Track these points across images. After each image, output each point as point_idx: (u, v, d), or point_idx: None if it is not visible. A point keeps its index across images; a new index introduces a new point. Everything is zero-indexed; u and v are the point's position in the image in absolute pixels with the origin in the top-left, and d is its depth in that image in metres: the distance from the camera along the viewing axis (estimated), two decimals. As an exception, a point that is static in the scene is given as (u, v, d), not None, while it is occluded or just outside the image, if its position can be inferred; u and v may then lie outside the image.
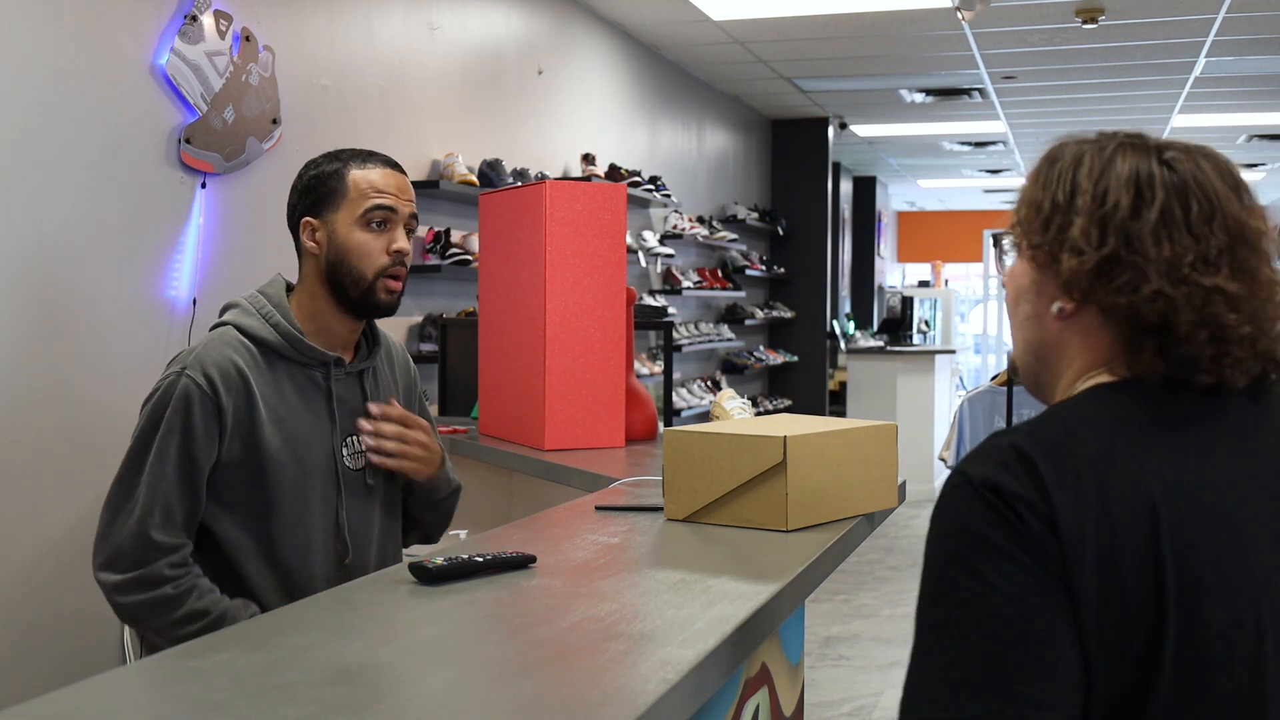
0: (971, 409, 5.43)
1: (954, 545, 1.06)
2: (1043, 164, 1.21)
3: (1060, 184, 1.17)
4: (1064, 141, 1.22)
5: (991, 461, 1.08)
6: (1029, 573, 1.03)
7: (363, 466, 2.06)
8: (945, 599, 1.05)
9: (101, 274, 3.24)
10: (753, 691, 1.88)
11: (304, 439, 1.98)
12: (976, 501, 1.06)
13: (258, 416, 1.93)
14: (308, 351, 2.00)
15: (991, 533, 1.04)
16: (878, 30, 6.86)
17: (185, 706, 1.15)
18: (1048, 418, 1.13)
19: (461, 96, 5.10)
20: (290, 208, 2.08)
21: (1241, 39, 6.92)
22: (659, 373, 6.67)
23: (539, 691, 1.17)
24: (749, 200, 9.50)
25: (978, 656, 1.02)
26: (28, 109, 3.01)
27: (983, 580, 1.03)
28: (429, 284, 4.84)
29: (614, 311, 2.98)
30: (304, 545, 1.98)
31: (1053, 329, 1.19)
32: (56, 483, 3.12)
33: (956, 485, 1.09)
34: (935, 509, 1.11)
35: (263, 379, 1.96)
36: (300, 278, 2.08)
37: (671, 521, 1.98)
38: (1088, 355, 1.17)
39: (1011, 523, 1.04)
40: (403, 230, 2.04)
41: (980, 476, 1.07)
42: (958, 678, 1.02)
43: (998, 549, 1.04)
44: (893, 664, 5.03)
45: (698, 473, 1.95)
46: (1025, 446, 1.08)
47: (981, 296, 18.13)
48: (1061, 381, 1.20)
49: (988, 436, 1.14)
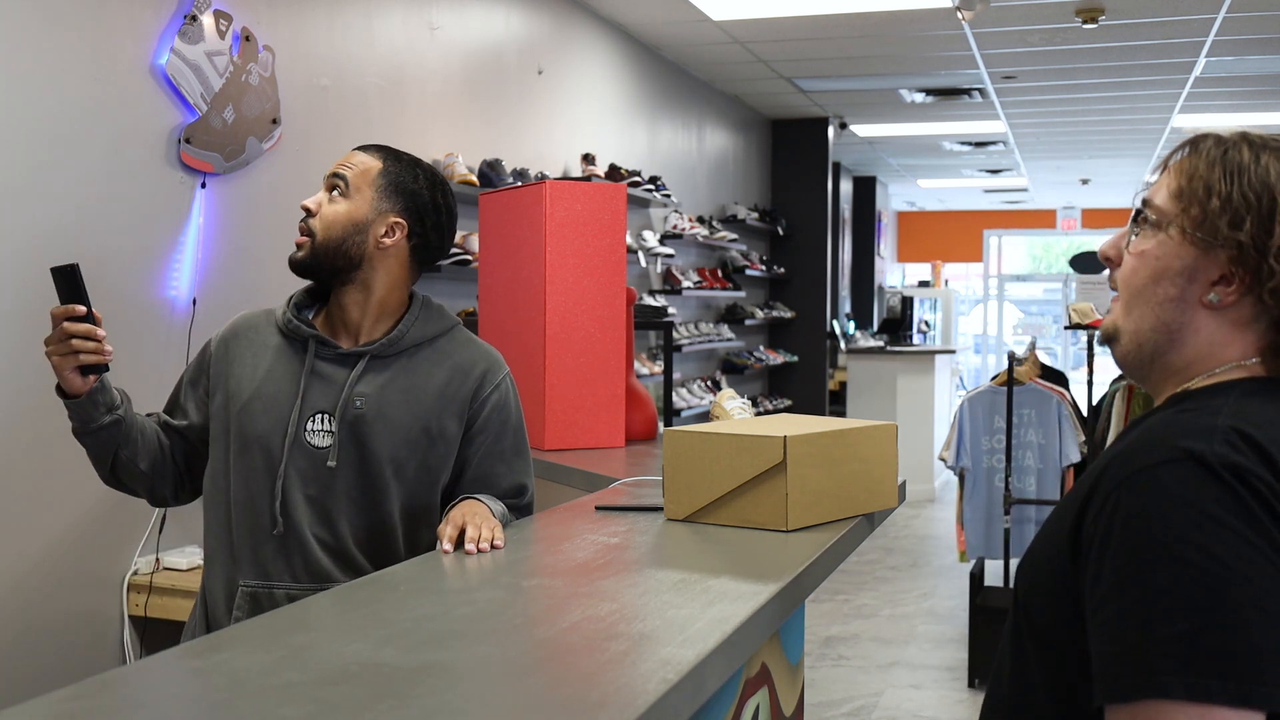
0: (971, 409, 5.42)
1: (1181, 518, 1.04)
2: (1214, 152, 1.20)
3: (1247, 180, 1.17)
4: (1236, 137, 1.21)
5: (1219, 441, 1.07)
6: (1264, 554, 1.02)
7: (327, 446, 1.99)
8: (1169, 571, 1.03)
9: (101, 274, 3.24)
10: (753, 691, 1.88)
11: (266, 399, 2.02)
12: (1211, 480, 1.05)
13: (231, 370, 2.06)
14: (285, 326, 2.07)
15: (1227, 513, 1.03)
16: (878, 30, 6.86)
17: (185, 706, 1.15)
18: (1237, 409, 1.13)
19: (461, 96, 5.10)
20: None
21: (1241, 39, 6.92)
22: (659, 373, 6.67)
23: (539, 691, 1.17)
24: (749, 200, 9.50)
25: (1217, 634, 1.00)
26: (28, 109, 3.01)
27: (1217, 559, 1.02)
28: (429, 284, 4.84)
29: (614, 311, 2.98)
30: (246, 507, 2.01)
31: (1200, 315, 1.19)
32: (56, 483, 3.12)
33: (1178, 461, 1.07)
34: (1142, 482, 1.07)
35: (252, 342, 2.08)
36: None
37: (671, 521, 1.98)
38: (1231, 348, 1.19)
39: (1251, 504, 1.04)
40: (323, 191, 2.05)
41: (1217, 455, 1.06)
42: (1192, 653, 1.00)
43: (1234, 529, 1.03)
44: (893, 664, 5.03)
45: (698, 473, 1.95)
46: (1247, 429, 1.08)
47: (981, 296, 18.13)
48: (1190, 368, 1.21)
49: (1173, 415, 1.14)
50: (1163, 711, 1.01)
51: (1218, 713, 1.00)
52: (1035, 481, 5.23)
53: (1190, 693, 1.00)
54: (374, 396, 2.02)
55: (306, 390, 2.01)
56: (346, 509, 2.01)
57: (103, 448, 2.04)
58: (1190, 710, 1.00)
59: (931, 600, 6.12)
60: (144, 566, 3.34)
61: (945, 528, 8.06)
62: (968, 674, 4.81)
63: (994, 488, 5.32)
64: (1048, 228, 17.04)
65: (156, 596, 3.27)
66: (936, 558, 7.19)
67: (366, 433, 2.00)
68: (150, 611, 3.29)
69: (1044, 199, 16.25)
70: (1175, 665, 1.00)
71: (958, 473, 5.42)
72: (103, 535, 3.26)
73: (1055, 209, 16.45)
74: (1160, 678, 1.01)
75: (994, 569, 5.59)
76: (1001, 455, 5.22)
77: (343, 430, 1.99)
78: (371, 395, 2.02)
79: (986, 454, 5.38)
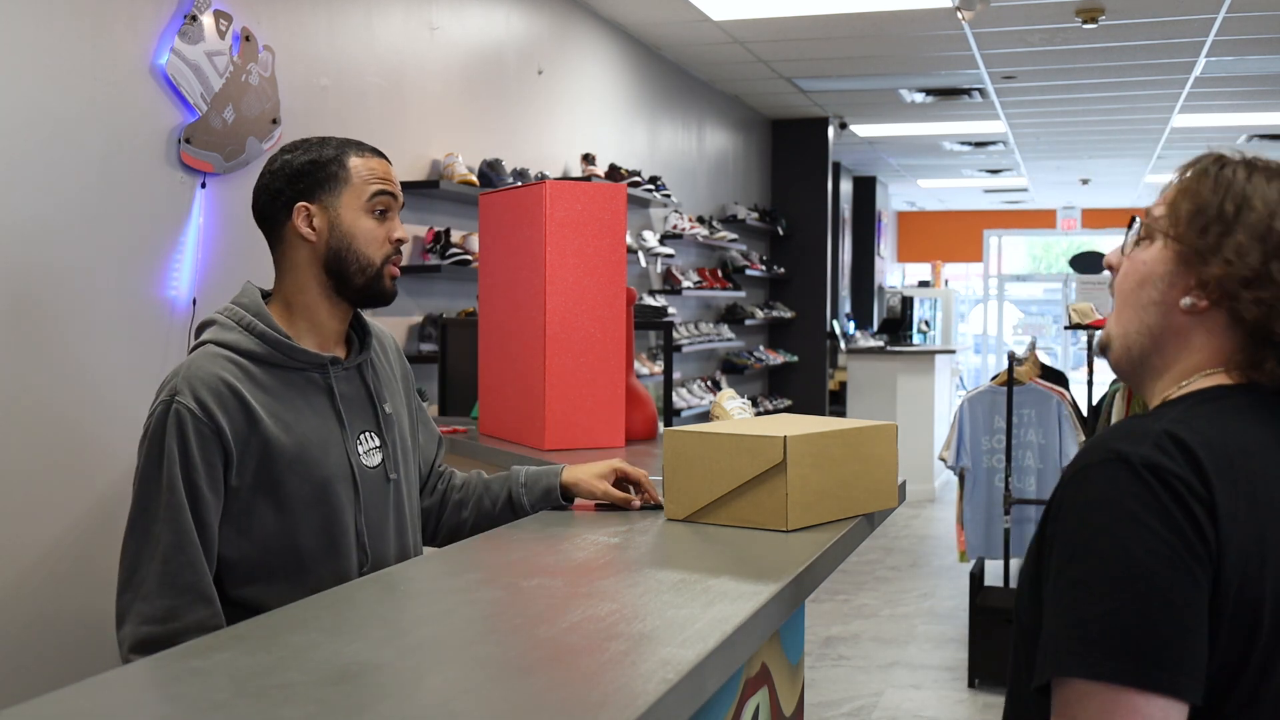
0: (971, 409, 5.42)
1: (1104, 517, 1.11)
2: (1210, 166, 1.28)
3: (1230, 194, 1.24)
4: (1220, 153, 1.29)
5: (1147, 443, 1.13)
6: (1174, 550, 1.09)
7: (380, 462, 1.98)
8: (1087, 561, 1.11)
9: (101, 274, 3.24)
10: (753, 691, 1.88)
11: (316, 443, 1.88)
12: (1132, 479, 1.11)
13: (263, 429, 1.82)
14: (299, 355, 1.91)
15: (1144, 510, 1.10)
16: (878, 30, 6.86)
17: (185, 706, 1.15)
18: (1185, 413, 1.19)
19: (461, 96, 5.10)
20: (273, 193, 1.96)
21: (1241, 39, 6.92)
22: (659, 373, 6.67)
23: (539, 691, 1.17)
24: (749, 200, 9.50)
25: (1118, 619, 1.08)
26: (28, 109, 3.01)
27: (1128, 552, 1.09)
28: (429, 284, 4.84)
29: (614, 311, 2.98)
30: (330, 555, 1.89)
31: (1179, 320, 1.25)
32: (56, 483, 3.12)
33: (1108, 461, 1.13)
34: (1078, 482, 1.15)
35: (258, 390, 1.85)
36: (286, 269, 1.97)
37: (671, 521, 1.98)
38: (1207, 352, 1.24)
39: (1167, 503, 1.10)
40: (398, 219, 2.02)
41: (1140, 456, 1.12)
42: (1095, 635, 1.08)
43: (1147, 526, 1.09)
44: (892, 664, 5.03)
45: (697, 473, 1.95)
46: (1180, 433, 1.14)
47: (981, 296, 18.13)
48: (1171, 371, 1.27)
49: (1124, 420, 1.20)
50: (1072, 689, 1.09)
51: (1119, 693, 1.07)
52: (1035, 481, 5.23)
53: (1090, 672, 1.08)
54: (385, 398, 2.06)
55: (346, 415, 1.95)
56: (396, 518, 2.02)
57: None
58: (1091, 689, 1.08)
59: (931, 600, 6.12)
60: (144, 566, 3.34)
61: (945, 528, 8.06)
62: (968, 674, 4.81)
63: (994, 488, 5.32)
64: (1048, 228, 17.04)
65: (156, 596, 3.27)
66: (936, 558, 7.19)
67: (395, 435, 2.04)
68: (150, 611, 3.28)
69: (1044, 199, 16.25)
70: (1079, 647, 1.09)
71: (958, 473, 5.42)
72: (103, 535, 3.26)
73: (1055, 209, 16.45)
74: (1066, 658, 1.09)
75: (994, 569, 5.59)
76: (1001, 455, 5.22)
77: (390, 440, 2.01)
78: (385, 397, 2.05)
79: (986, 454, 5.38)
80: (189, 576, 1.76)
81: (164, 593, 1.74)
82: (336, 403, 1.93)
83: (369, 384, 2.01)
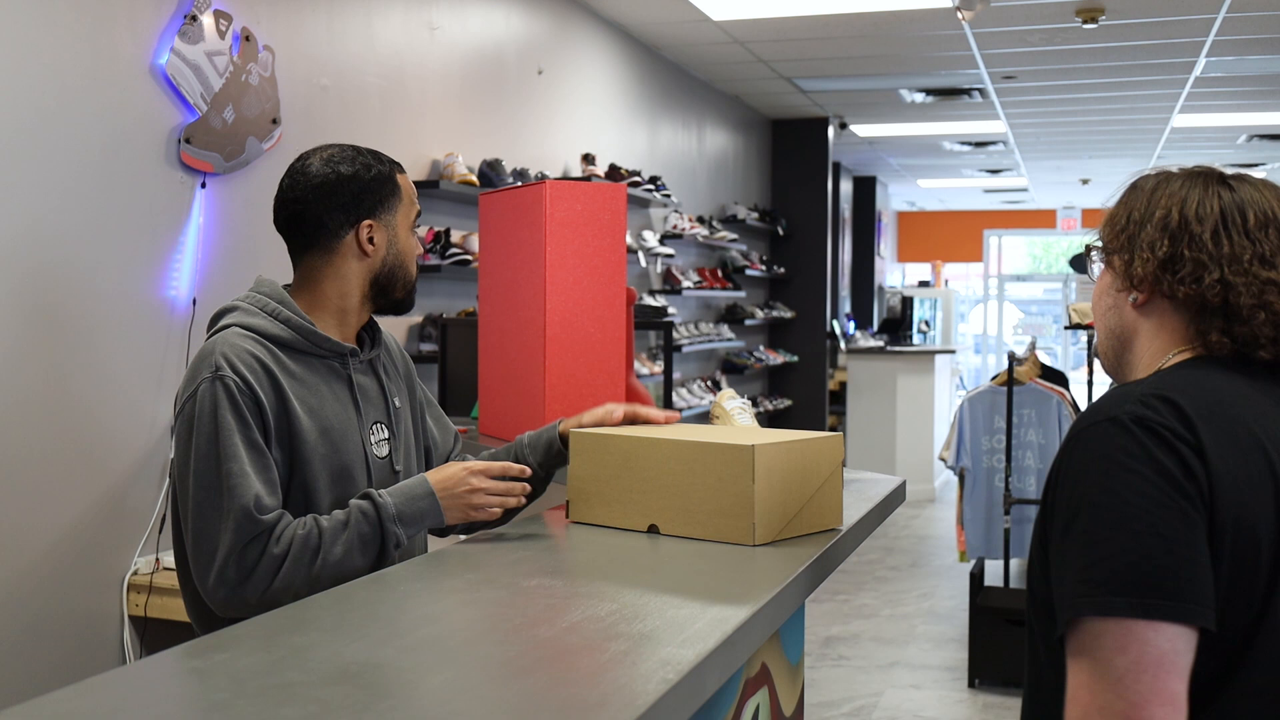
0: (971, 409, 5.42)
1: (1098, 472, 1.21)
2: (1126, 190, 1.45)
3: (1137, 202, 1.41)
4: (1146, 173, 1.45)
5: (1132, 401, 1.24)
6: (1164, 491, 1.18)
7: (388, 454, 2.02)
8: (1087, 514, 1.20)
9: (101, 274, 3.24)
10: (753, 691, 1.88)
11: (337, 429, 1.92)
12: (1122, 434, 1.22)
13: (292, 409, 1.85)
14: (324, 343, 1.93)
15: (1132, 459, 1.20)
16: (878, 30, 6.86)
17: (185, 706, 1.15)
18: (1161, 377, 1.32)
19: (461, 96, 5.10)
20: (341, 206, 1.95)
21: (1241, 39, 6.92)
22: (659, 373, 6.67)
23: (539, 691, 1.17)
24: (749, 200, 9.50)
25: (1120, 559, 1.16)
26: (28, 109, 3.01)
27: (1121, 498, 1.18)
28: (429, 284, 4.84)
29: (614, 311, 2.98)
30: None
31: (1130, 316, 1.42)
32: (56, 483, 3.12)
33: (1095, 424, 1.24)
34: (1072, 448, 1.25)
35: (285, 372, 1.87)
36: (327, 276, 1.98)
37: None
38: (1164, 337, 1.38)
39: (1154, 450, 1.20)
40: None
41: (1127, 412, 1.23)
42: (1100, 577, 1.17)
43: (1137, 473, 1.19)
44: (893, 664, 5.03)
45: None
46: (1161, 390, 1.25)
47: (981, 296, 18.13)
48: (1143, 360, 1.40)
49: (1109, 391, 1.32)
50: (1086, 630, 1.17)
51: (1129, 626, 1.15)
52: (1035, 481, 5.24)
53: (1099, 609, 1.16)
54: (394, 392, 2.10)
55: (362, 405, 1.99)
56: None
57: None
58: (1102, 626, 1.16)
59: (931, 600, 6.12)
60: (144, 566, 3.34)
61: (945, 528, 8.06)
62: (968, 674, 4.81)
63: (994, 488, 5.32)
64: (1048, 228, 17.04)
65: (156, 596, 3.27)
66: (936, 558, 7.19)
67: (403, 429, 2.08)
68: (150, 611, 3.29)
69: (1044, 199, 16.25)
70: (1088, 589, 1.17)
71: (958, 473, 5.42)
72: (103, 535, 3.26)
73: (1055, 209, 16.45)
74: (1076, 602, 1.18)
75: (994, 569, 5.59)
76: (1001, 455, 5.22)
77: (399, 431, 2.05)
78: (394, 392, 2.09)
79: (986, 454, 5.38)
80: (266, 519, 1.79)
81: (248, 549, 1.77)
82: (354, 392, 1.97)
83: (381, 378, 2.06)
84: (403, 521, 1.85)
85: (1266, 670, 1.21)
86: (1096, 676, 1.16)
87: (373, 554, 1.83)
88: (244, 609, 1.74)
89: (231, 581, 1.76)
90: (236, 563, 1.76)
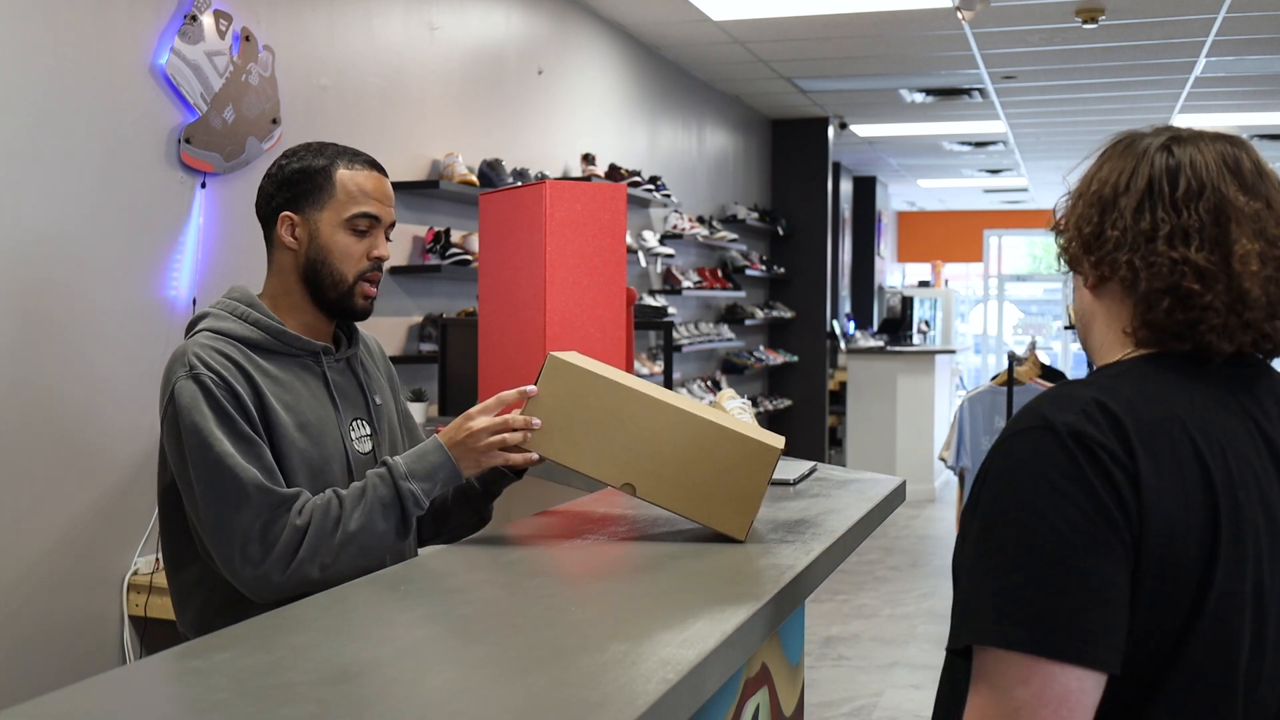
0: (971, 409, 5.42)
1: (1025, 485, 1.13)
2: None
3: (1076, 187, 1.33)
4: (1121, 134, 1.35)
5: (1074, 410, 1.15)
6: (1091, 520, 1.10)
7: (371, 449, 2.02)
8: (1006, 529, 1.12)
9: (101, 274, 3.24)
10: (753, 691, 1.88)
11: (315, 424, 1.92)
12: (1057, 448, 1.12)
13: (268, 404, 1.85)
14: (294, 342, 1.94)
15: (1064, 478, 1.11)
16: (878, 30, 6.86)
17: (185, 706, 1.15)
18: (1111, 380, 1.21)
19: (461, 96, 5.10)
20: (266, 197, 1.99)
21: (1241, 39, 6.92)
22: (659, 373, 6.67)
23: (539, 691, 1.17)
24: (749, 200, 9.50)
25: (1031, 589, 1.09)
26: (28, 109, 3.01)
27: (1045, 521, 1.10)
28: (429, 284, 4.84)
29: (614, 311, 2.98)
30: None
31: (1087, 300, 1.32)
32: (56, 482, 3.12)
33: (1033, 428, 1.15)
34: (1005, 449, 1.16)
35: (259, 371, 1.88)
36: (273, 271, 2.01)
37: (673, 521, 1.97)
38: (1121, 320, 1.27)
39: (1088, 472, 1.11)
40: (383, 236, 2.02)
41: (1065, 424, 1.13)
42: (1008, 606, 1.09)
43: (1066, 495, 1.10)
44: (893, 664, 5.03)
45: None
46: (1107, 401, 1.15)
47: (981, 296, 18.12)
48: (1104, 348, 1.30)
49: (1059, 385, 1.22)
50: (990, 655, 1.10)
51: (1034, 663, 1.08)
52: (1035, 481, 5.22)
53: (1003, 641, 1.09)
54: (375, 390, 2.10)
55: (340, 402, 1.99)
56: None
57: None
58: (1006, 657, 1.09)
59: (931, 600, 6.12)
60: (144, 566, 3.34)
61: (945, 528, 8.06)
62: (968, 674, 4.81)
63: (994, 488, 5.31)
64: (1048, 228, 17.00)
65: (156, 596, 3.27)
66: (936, 558, 7.19)
67: (385, 425, 2.08)
68: (150, 611, 3.29)
69: (1044, 199, 16.24)
70: (993, 615, 1.10)
71: (958, 473, 5.42)
72: (103, 535, 3.26)
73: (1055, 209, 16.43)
74: (981, 626, 1.11)
75: (994, 569, 5.58)
76: (1001, 455, 5.21)
77: (380, 427, 2.05)
78: (375, 389, 2.09)
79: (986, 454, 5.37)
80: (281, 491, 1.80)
81: (269, 525, 1.77)
82: (331, 389, 1.98)
83: (359, 378, 2.06)
84: (415, 477, 1.84)
85: (1185, 692, 1.14)
86: (995, 704, 1.09)
87: (395, 517, 1.83)
88: (273, 589, 1.75)
89: (256, 558, 1.76)
90: (260, 539, 1.76)
